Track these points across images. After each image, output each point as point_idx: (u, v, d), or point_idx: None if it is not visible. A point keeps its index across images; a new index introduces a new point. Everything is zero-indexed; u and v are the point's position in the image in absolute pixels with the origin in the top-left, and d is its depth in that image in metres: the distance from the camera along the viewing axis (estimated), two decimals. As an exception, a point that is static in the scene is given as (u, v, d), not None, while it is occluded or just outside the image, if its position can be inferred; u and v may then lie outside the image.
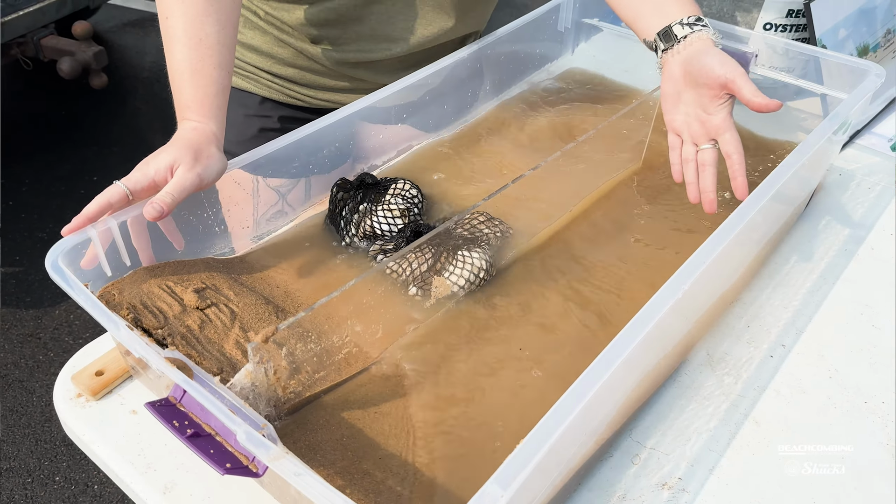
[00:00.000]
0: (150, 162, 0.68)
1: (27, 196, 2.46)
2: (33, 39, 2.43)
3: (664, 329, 0.64)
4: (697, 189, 0.78)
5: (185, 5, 0.72)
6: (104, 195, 0.67)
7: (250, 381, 0.58)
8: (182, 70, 0.72)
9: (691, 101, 0.78)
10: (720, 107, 0.76)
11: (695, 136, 0.79)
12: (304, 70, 0.99)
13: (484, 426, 0.64)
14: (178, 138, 0.70)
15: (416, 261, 0.76)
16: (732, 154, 0.75)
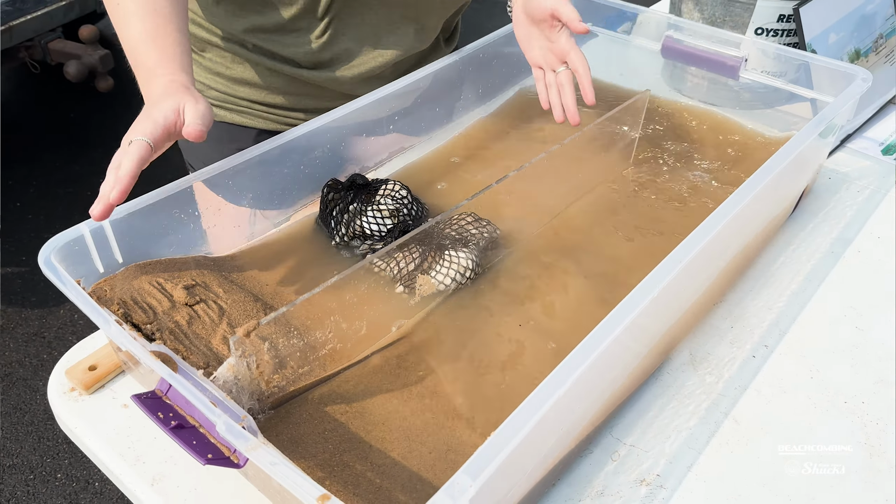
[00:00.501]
0: (150, 115, 0.65)
1: (34, 197, 2.49)
2: (41, 43, 2.47)
3: (639, 328, 0.65)
4: (561, 108, 0.88)
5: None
6: (135, 154, 0.63)
7: (233, 375, 0.59)
8: (143, 39, 0.71)
9: (538, 35, 0.90)
10: (559, 33, 0.87)
11: (550, 64, 0.90)
12: (301, 95, 0.97)
13: (466, 420, 0.65)
14: (164, 89, 0.68)
15: (404, 259, 0.77)
16: (578, 68, 0.86)
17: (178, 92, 0.68)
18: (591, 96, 0.86)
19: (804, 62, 1.00)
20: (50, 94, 3.04)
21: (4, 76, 3.12)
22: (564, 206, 0.93)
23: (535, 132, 1.07)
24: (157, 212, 0.74)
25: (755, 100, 1.14)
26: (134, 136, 0.64)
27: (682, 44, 1.06)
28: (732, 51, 1.02)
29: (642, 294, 0.61)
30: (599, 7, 1.13)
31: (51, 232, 0.70)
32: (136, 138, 0.64)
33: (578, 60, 0.86)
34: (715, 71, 1.05)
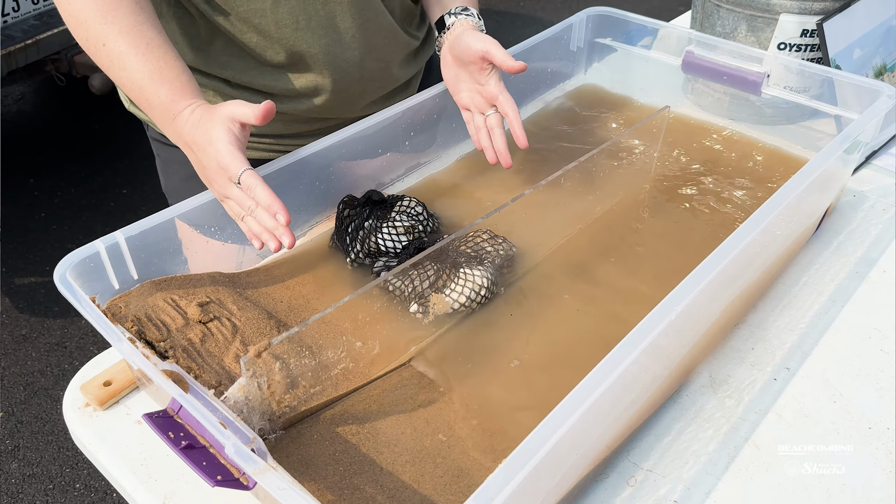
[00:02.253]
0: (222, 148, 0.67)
1: (59, 208, 2.52)
2: (67, 56, 2.51)
3: (658, 350, 0.64)
4: (493, 151, 0.88)
5: (117, 25, 0.71)
6: (256, 180, 0.67)
7: (244, 395, 0.59)
8: (147, 76, 0.71)
9: (466, 78, 0.89)
10: (488, 76, 0.86)
11: (479, 107, 0.89)
12: (291, 122, 0.95)
13: (480, 443, 0.65)
14: (197, 121, 0.69)
15: (418, 277, 0.77)
16: (508, 112, 0.85)
17: (211, 114, 0.69)
18: (524, 140, 0.84)
19: (828, 78, 0.99)
20: (75, 107, 3.09)
21: (31, 89, 3.18)
22: (582, 223, 0.92)
23: (553, 147, 1.06)
24: (173, 228, 0.74)
25: (777, 116, 1.12)
26: (236, 172, 0.67)
27: (703, 59, 1.05)
28: (754, 66, 1.01)
29: (662, 314, 0.60)
30: (620, 22, 1.12)
31: (74, 243, 0.71)
32: (240, 171, 0.67)
33: (507, 104, 0.85)
34: (737, 87, 1.04)
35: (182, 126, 0.71)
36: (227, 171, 0.68)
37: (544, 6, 3.94)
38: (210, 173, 0.70)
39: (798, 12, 1.07)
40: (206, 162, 0.70)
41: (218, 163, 0.68)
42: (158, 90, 0.71)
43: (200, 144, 0.69)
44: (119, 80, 0.73)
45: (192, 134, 0.70)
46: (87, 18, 0.71)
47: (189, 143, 0.71)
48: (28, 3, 2.42)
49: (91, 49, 0.73)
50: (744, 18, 1.12)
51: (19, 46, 2.33)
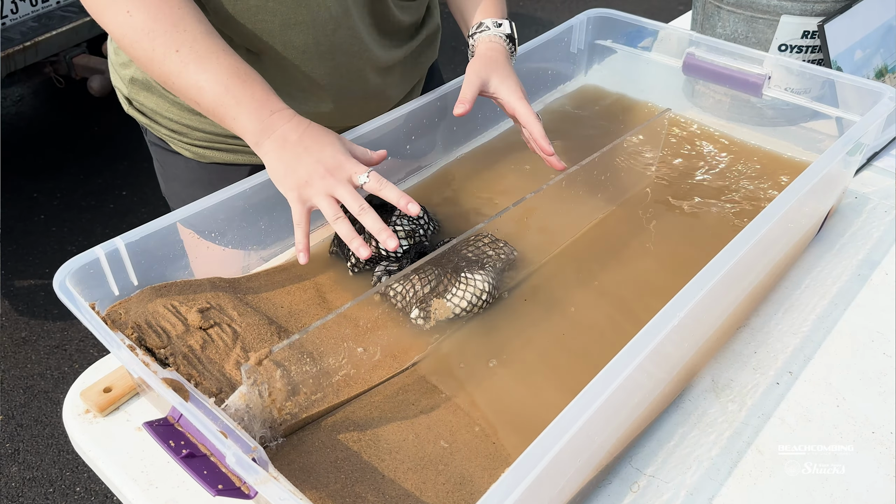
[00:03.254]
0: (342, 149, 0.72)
1: (58, 210, 2.52)
2: (65, 58, 2.51)
3: (662, 355, 0.63)
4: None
5: (191, 31, 0.72)
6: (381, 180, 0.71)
7: (244, 403, 0.59)
8: (234, 72, 0.72)
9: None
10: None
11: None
12: None
13: (482, 450, 0.64)
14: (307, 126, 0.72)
15: (420, 282, 0.76)
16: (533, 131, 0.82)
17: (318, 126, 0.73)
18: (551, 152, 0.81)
19: (829, 79, 0.98)
20: (74, 109, 3.09)
21: (30, 91, 3.17)
22: (583, 227, 0.91)
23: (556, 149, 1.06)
24: (173, 234, 0.74)
25: (778, 117, 1.12)
26: (363, 171, 0.71)
27: (703, 61, 1.04)
28: (755, 68, 1.01)
29: (665, 320, 0.60)
30: (620, 23, 1.12)
31: (74, 245, 0.71)
32: (367, 170, 0.71)
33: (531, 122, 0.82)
34: (738, 88, 1.03)
35: (289, 119, 0.73)
36: (355, 170, 0.70)
37: (543, 6, 3.94)
38: (320, 167, 0.70)
39: (799, 14, 1.07)
40: (320, 156, 0.70)
41: (341, 161, 0.71)
42: (250, 87, 0.72)
43: (317, 142, 0.71)
44: (195, 83, 0.72)
45: (303, 129, 0.72)
46: (154, 28, 0.71)
47: (300, 136, 0.72)
48: (27, 5, 2.41)
49: (157, 58, 0.72)
50: (744, 20, 1.12)
51: (18, 49, 2.33)
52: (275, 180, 0.72)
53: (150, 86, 0.92)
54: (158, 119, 0.94)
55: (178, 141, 0.94)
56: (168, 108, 0.92)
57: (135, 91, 0.94)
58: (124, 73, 0.94)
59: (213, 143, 0.94)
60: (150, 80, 0.91)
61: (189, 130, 0.93)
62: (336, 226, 0.70)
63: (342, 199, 0.70)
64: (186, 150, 0.95)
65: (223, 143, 0.94)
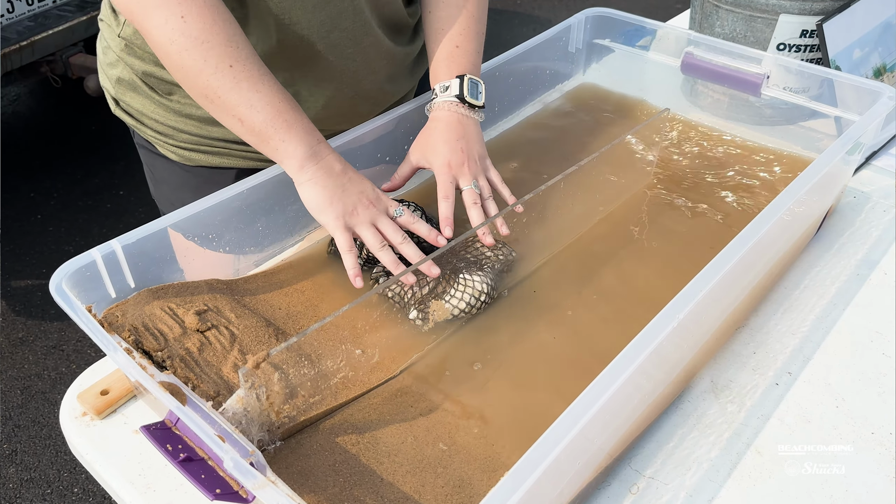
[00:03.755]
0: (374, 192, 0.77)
1: (55, 210, 2.51)
2: (62, 58, 2.50)
3: (661, 356, 0.63)
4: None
5: (243, 50, 0.72)
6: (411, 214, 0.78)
7: (242, 407, 0.58)
8: (284, 96, 0.74)
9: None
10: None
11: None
12: None
13: (480, 452, 0.64)
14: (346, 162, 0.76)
15: (418, 283, 0.76)
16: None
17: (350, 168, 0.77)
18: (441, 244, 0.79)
19: (827, 79, 0.98)
20: (71, 108, 3.08)
21: (27, 90, 3.16)
22: (582, 227, 0.91)
23: (552, 149, 1.06)
24: (169, 236, 0.73)
25: (777, 116, 1.11)
26: (397, 205, 0.77)
27: (702, 60, 1.04)
28: (754, 67, 1.01)
29: (665, 321, 0.60)
30: (618, 22, 1.12)
31: (71, 245, 0.71)
32: (401, 206, 0.77)
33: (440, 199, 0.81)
34: (736, 88, 1.03)
35: (331, 152, 0.76)
36: (391, 205, 0.77)
37: (541, 4, 3.93)
38: (364, 199, 0.75)
39: (797, 13, 1.07)
40: (363, 188, 0.76)
41: (379, 195, 0.77)
42: (298, 113, 0.74)
43: (358, 176, 0.77)
44: (246, 100, 0.72)
45: (345, 163, 0.76)
46: (209, 39, 0.70)
47: (344, 168, 0.76)
48: (23, 5, 2.40)
49: (208, 70, 0.71)
50: (743, 19, 1.12)
51: (14, 48, 2.32)
52: (315, 206, 0.74)
53: (136, 86, 0.91)
54: (145, 120, 0.93)
55: (164, 143, 0.94)
56: (154, 110, 0.91)
57: (121, 91, 0.93)
58: (111, 73, 0.93)
59: (199, 146, 0.93)
60: (137, 81, 0.90)
61: (175, 132, 0.92)
62: (381, 254, 0.74)
63: (384, 230, 0.75)
64: (173, 152, 0.94)
65: (209, 145, 0.93)
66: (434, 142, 0.84)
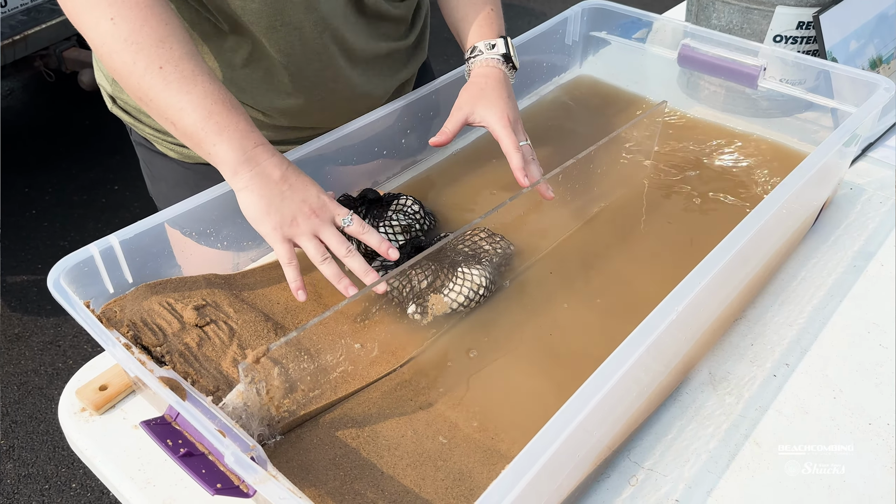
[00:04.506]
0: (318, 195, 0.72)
1: (50, 205, 2.50)
2: (55, 52, 2.48)
3: (660, 349, 0.63)
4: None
5: (177, 50, 0.69)
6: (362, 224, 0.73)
7: (242, 402, 0.58)
8: (220, 98, 0.69)
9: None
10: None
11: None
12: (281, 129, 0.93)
13: (481, 445, 0.64)
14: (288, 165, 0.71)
15: (416, 277, 0.76)
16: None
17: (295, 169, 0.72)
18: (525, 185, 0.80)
19: (824, 70, 0.98)
20: (65, 103, 3.06)
21: (20, 85, 3.15)
22: (580, 220, 0.91)
23: (549, 142, 1.06)
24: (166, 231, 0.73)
25: (773, 108, 1.12)
26: (346, 213, 0.72)
27: (699, 52, 1.04)
28: (750, 59, 1.00)
29: (664, 314, 0.60)
30: (615, 14, 1.12)
31: (66, 240, 0.70)
32: (350, 214, 0.73)
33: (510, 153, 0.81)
34: (733, 80, 1.03)
35: (271, 155, 0.71)
36: (338, 212, 0.72)
37: (536, -4, 3.92)
38: (306, 207, 0.70)
39: (794, 4, 1.07)
40: (305, 196, 0.71)
41: (325, 201, 0.71)
42: (233, 115, 0.70)
43: (300, 181, 0.71)
44: (175, 103, 0.69)
45: (286, 167, 0.71)
46: (138, 41, 0.68)
47: (284, 173, 0.70)
48: (16, -1, 2.39)
49: (137, 72, 0.69)
50: (739, 11, 1.11)
51: (7, 42, 2.31)
52: (251, 216, 0.70)
53: None
54: (142, 118, 0.92)
55: (162, 140, 0.93)
56: None
57: (118, 89, 0.92)
58: (108, 71, 0.92)
59: None
60: None
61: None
62: (323, 267, 0.70)
63: (327, 241, 0.71)
64: (171, 150, 0.93)
65: None
66: (489, 96, 0.84)
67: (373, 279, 0.70)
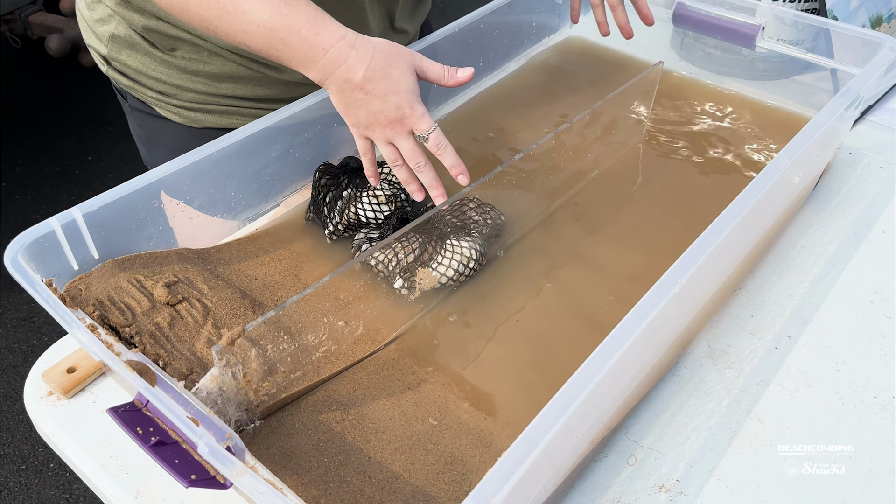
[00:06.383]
0: (411, 90, 0.69)
1: (20, 177, 2.42)
2: (21, 16, 2.38)
3: (661, 323, 0.60)
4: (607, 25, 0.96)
5: None
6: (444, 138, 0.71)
7: (217, 386, 0.54)
8: (276, 9, 0.66)
9: None
10: None
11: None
12: (294, 84, 0.89)
13: (472, 427, 0.61)
14: (376, 52, 0.67)
15: (403, 251, 0.72)
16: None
17: (392, 55, 0.68)
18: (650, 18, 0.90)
19: (825, 30, 0.94)
20: (33, 70, 2.95)
21: (-14, 51, 3.03)
22: (573, 188, 0.87)
23: (542, 105, 1.01)
24: (135, 202, 0.68)
25: (770, 70, 1.08)
26: (427, 128, 0.69)
27: (695, 11, 1.00)
28: (748, 18, 0.96)
29: (665, 288, 0.56)
30: (605, -28, 1.06)
31: (39, 213, 0.66)
32: (431, 128, 0.70)
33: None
34: (730, 40, 0.99)
35: (345, 59, 0.67)
36: (417, 125, 0.69)
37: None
38: (382, 118, 0.69)
39: (793, -40, 1.02)
40: (382, 107, 0.68)
41: (405, 113, 0.68)
42: (296, 24, 0.66)
43: (381, 89, 0.67)
44: (237, 26, 0.67)
45: (364, 67, 0.67)
46: None
47: (362, 81, 0.67)
48: (-24, -40, 2.28)
49: (193, 3, 0.67)
50: (736, -33, 1.07)
51: (-31, 7, 2.21)
52: (337, 111, 0.72)
53: (133, 43, 0.85)
54: (143, 80, 0.87)
55: (165, 104, 0.88)
56: (155, 68, 0.85)
57: (115, 50, 0.86)
58: (102, 31, 0.86)
59: (205, 104, 0.87)
60: (135, 37, 0.84)
61: (179, 91, 0.86)
62: (395, 170, 0.73)
63: (401, 150, 0.71)
64: (176, 113, 0.88)
65: (216, 104, 0.87)
66: None
67: (440, 194, 0.72)
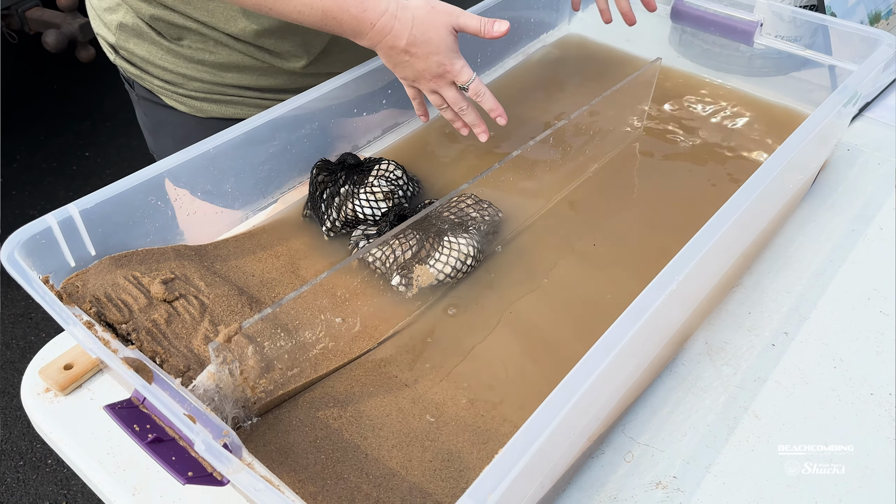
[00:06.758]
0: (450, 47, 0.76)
1: (17, 173, 2.41)
2: (18, 12, 2.37)
3: (656, 323, 0.60)
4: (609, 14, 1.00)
5: None
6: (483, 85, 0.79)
7: (214, 383, 0.54)
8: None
9: None
10: None
11: None
12: (300, 74, 0.90)
13: (470, 424, 0.61)
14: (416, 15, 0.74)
15: (400, 247, 0.72)
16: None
17: (431, 15, 0.75)
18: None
19: (821, 26, 0.94)
20: (30, 66, 2.94)
21: (-17, 47, 3.02)
22: (572, 184, 0.87)
23: (540, 102, 1.01)
24: (131, 199, 0.68)
25: (768, 66, 1.07)
26: (467, 79, 0.78)
27: (693, 7, 0.99)
28: (746, 14, 0.96)
29: (663, 284, 0.56)
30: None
31: (36, 209, 0.65)
32: (471, 78, 0.78)
33: None
34: (728, 36, 0.99)
35: (389, 30, 0.74)
36: (459, 77, 0.78)
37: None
38: (427, 74, 0.78)
39: (791, -44, 1.02)
40: (426, 66, 0.77)
41: (447, 69, 0.77)
42: (345, 4, 0.73)
43: (423, 52, 0.76)
44: (292, 7, 0.73)
45: (407, 33, 0.74)
46: None
47: (407, 45, 0.75)
48: (-27, -45, 2.27)
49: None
50: (734, -36, 1.06)
51: (-35, 2, 2.20)
52: (388, 67, 0.80)
53: (141, 32, 0.85)
54: (150, 69, 0.87)
55: (171, 93, 0.88)
56: (162, 57, 0.86)
57: (123, 38, 0.87)
58: (110, 19, 0.87)
59: (210, 95, 0.88)
60: (142, 26, 0.85)
61: (185, 80, 0.87)
62: (442, 112, 0.83)
63: (445, 97, 0.80)
64: (182, 103, 0.89)
65: (222, 93, 0.88)
66: None
67: (483, 131, 0.82)
